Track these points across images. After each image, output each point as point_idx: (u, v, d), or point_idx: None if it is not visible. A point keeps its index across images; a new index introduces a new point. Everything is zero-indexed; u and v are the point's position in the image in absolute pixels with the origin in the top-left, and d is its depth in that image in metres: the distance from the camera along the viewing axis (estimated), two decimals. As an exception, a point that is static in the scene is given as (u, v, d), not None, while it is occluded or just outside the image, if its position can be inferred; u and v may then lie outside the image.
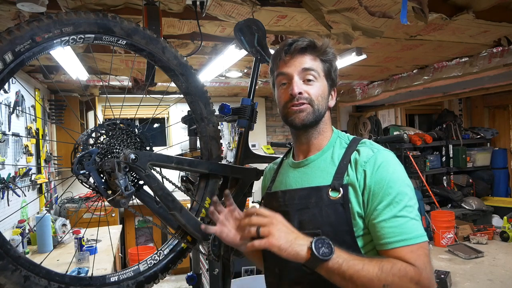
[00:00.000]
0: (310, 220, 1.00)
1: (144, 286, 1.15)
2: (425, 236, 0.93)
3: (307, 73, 1.05)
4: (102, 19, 1.03)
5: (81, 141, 1.05)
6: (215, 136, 1.32)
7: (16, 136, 3.14)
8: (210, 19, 2.31)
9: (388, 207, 0.94)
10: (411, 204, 0.95)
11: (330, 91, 1.10)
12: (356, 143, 1.05)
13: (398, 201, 0.94)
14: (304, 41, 1.06)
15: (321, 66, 1.07)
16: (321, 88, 1.07)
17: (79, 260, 2.65)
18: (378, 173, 0.96)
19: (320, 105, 1.06)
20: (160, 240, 4.88)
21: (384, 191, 0.95)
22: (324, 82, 1.08)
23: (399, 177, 0.97)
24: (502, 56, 3.08)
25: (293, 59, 1.06)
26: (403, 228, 0.92)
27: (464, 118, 6.47)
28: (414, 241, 0.91)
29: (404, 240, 0.91)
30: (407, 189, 0.96)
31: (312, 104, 1.05)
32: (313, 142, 1.10)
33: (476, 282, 2.24)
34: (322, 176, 1.04)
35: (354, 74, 4.27)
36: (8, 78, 0.90)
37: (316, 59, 1.07)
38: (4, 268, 0.88)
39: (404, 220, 0.92)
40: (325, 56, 1.07)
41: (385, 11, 2.20)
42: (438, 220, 3.12)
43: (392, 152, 1.03)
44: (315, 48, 1.07)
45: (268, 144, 5.35)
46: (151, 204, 1.21)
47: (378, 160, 0.98)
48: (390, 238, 0.92)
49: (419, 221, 0.95)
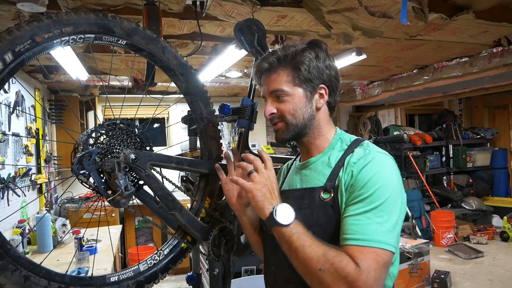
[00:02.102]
0: (302, 220, 1.00)
1: (144, 286, 1.15)
2: (387, 245, 0.88)
3: (275, 94, 1.07)
4: (102, 19, 1.03)
5: (81, 141, 1.05)
6: (215, 136, 1.32)
7: (16, 136, 3.14)
8: (210, 19, 2.31)
9: (357, 204, 0.92)
10: (385, 209, 0.91)
11: (311, 94, 1.06)
12: (355, 145, 1.05)
13: (370, 201, 0.91)
14: (268, 62, 1.07)
15: (291, 76, 1.04)
16: (293, 101, 1.05)
17: (79, 260, 2.65)
18: (362, 172, 0.95)
19: (296, 118, 1.06)
20: (160, 240, 4.88)
21: (360, 189, 0.93)
22: (298, 91, 1.05)
23: (381, 178, 0.94)
24: (502, 56, 3.08)
25: (264, 80, 1.10)
26: (362, 228, 0.89)
27: (464, 118, 6.48)
28: (368, 243, 0.88)
29: (357, 240, 0.89)
30: (387, 193, 0.92)
31: (285, 120, 1.06)
32: (312, 145, 1.10)
33: (476, 282, 2.25)
34: (318, 178, 1.05)
35: (354, 74, 4.28)
36: (8, 78, 0.90)
37: (283, 72, 1.05)
38: (4, 268, 0.88)
39: (368, 222, 0.90)
40: (294, 62, 1.04)
41: (385, 11, 2.20)
42: (438, 220, 3.12)
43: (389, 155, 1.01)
44: (281, 61, 1.05)
45: (268, 144, 5.35)
46: (151, 204, 1.21)
47: (366, 160, 0.97)
48: (347, 234, 0.91)
49: (389, 229, 0.90)
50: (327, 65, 1.07)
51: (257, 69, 1.11)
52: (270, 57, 1.07)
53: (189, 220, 1.19)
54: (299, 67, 1.04)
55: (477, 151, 5.69)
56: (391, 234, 0.90)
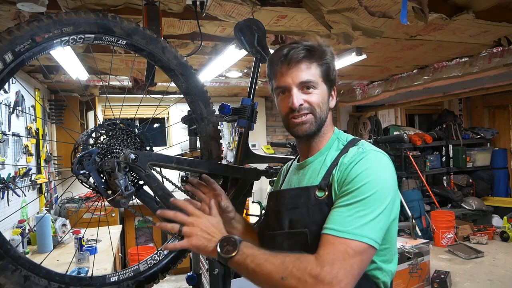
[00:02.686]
0: (299, 219, 1.02)
1: (144, 286, 1.15)
2: (362, 237, 0.87)
3: (305, 85, 1.05)
4: (102, 19, 1.03)
5: (81, 141, 1.05)
6: (215, 136, 1.32)
7: (16, 136, 3.14)
8: (210, 19, 2.31)
9: (343, 198, 0.93)
10: (368, 203, 0.90)
11: (330, 92, 1.10)
12: (351, 145, 1.05)
13: (354, 195, 0.91)
14: (300, 52, 1.04)
15: (319, 71, 1.05)
16: (321, 95, 1.06)
17: (79, 260, 2.64)
18: (353, 168, 0.96)
19: (322, 112, 1.06)
20: (160, 240, 4.88)
21: (348, 183, 0.94)
22: (323, 86, 1.07)
23: (370, 174, 0.93)
24: (502, 56, 3.08)
25: (289, 69, 1.05)
26: (340, 220, 0.90)
27: (464, 118, 6.48)
28: (342, 234, 0.87)
29: (333, 230, 0.89)
30: (374, 188, 0.92)
31: (314, 112, 1.05)
32: (313, 145, 1.11)
33: (476, 282, 2.25)
34: (313, 177, 1.06)
35: (354, 74, 4.28)
36: (8, 78, 0.90)
37: (312, 65, 1.05)
38: (4, 268, 0.88)
39: (347, 214, 0.90)
40: (322, 60, 1.06)
41: (385, 11, 2.20)
42: (438, 220, 3.12)
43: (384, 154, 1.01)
44: (311, 54, 1.05)
45: (268, 144, 5.35)
46: (151, 204, 1.21)
47: (358, 157, 0.98)
48: (326, 224, 0.92)
49: (370, 224, 0.88)
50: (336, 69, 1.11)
51: (283, 56, 1.05)
52: (298, 47, 1.05)
53: (189, 220, 1.19)
54: (329, 65, 1.06)
55: (477, 151, 5.69)
56: (371, 227, 0.88)
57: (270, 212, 1.13)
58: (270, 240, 1.07)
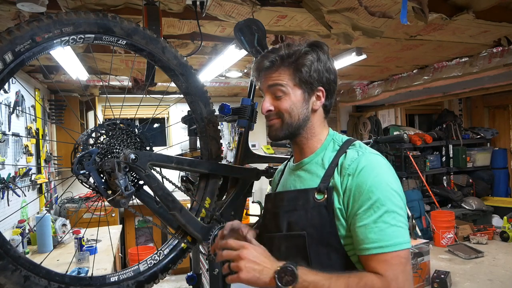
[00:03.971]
0: (297, 221, 1.02)
1: (144, 286, 1.15)
2: (405, 244, 0.91)
3: (273, 89, 1.06)
4: (102, 19, 1.03)
5: (81, 141, 1.05)
6: (215, 136, 1.32)
7: (16, 136, 3.14)
8: (210, 19, 2.31)
9: (368, 212, 0.93)
10: (393, 209, 0.93)
11: (309, 96, 1.06)
12: (347, 145, 1.05)
13: (379, 206, 0.92)
14: (268, 59, 1.06)
15: (292, 76, 1.04)
16: (290, 100, 1.05)
17: (79, 260, 2.64)
18: (359, 176, 0.95)
19: (292, 118, 1.06)
20: (160, 240, 4.88)
21: (365, 195, 0.94)
22: (297, 91, 1.05)
23: (381, 181, 0.95)
24: (502, 56, 3.08)
25: (263, 76, 1.08)
26: (381, 234, 0.91)
27: (464, 118, 6.47)
28: (391, 248, 0.90)
29: (380, 248, 0.90)
30: (390, 193, 0.94)
31: (282, 117, 1.06)
32: (305, 146, 1.11)
33: (476, 282, 2.24)
34: (311, 179, 1.05)
35: (354, 74, 4.27)
36: (8, 78, 0.90)
37: (285, 71, 1.05)
38: (4, 268, 0.88)
39: (384, 226, 0.91)
40: (297, 63, 1.04)
41: (385, 11, 2.20)
42: (438, 220, 3.11)
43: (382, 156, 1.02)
44: (283, 60, 1.05)
45: (268, 144, 5.34)
46: (151, 204, 1.21)
47: (361, 163, 0.97)
48: (367, 244, 0.91)
49: (403, 228, 0.93)
50: (327, 68, 1.07)
51: (258, 65, 1.09)
52: (272, 55, 1.06)
53: (189, 220, 1.19)
54: (300, 69, 1.04)
55: (477, 151, 5.68)
56: (405, 231, 0.93)
57: (268, 214, 1.13)
58: (268, 242, 1.06)
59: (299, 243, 0.99)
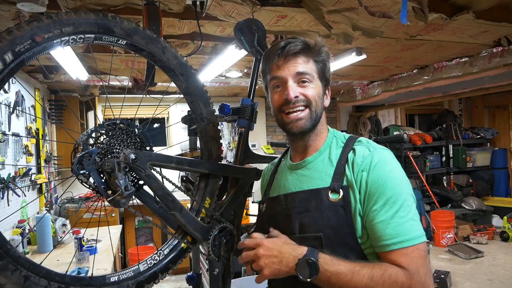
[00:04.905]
0: (310, 223, 1.00)
1: (144, 286, 1.15)
2: (422, 237, 0.92)
3: (301, 77, 1.03)
4: (102, 19, 1.03)
5: (81, 141, 1.05)
6: (215, 136, 1.32)
7: (16, 136, 3.14)
8: (210, 19, 2.31)
9: (384, 208, 0.93)
10: (408, 203, 0.94)
11: (325, 91, 1.09)
12: (352, 142, 1.04)
13: (394, 201, 0.93)
14: (297, 44, 1.03)
15: (315, 68, 1.05)
16: (316, 89, 1.05)
17: (79, 260, 2.64)
18: (374, 172, 0.95)
19: (318, 107, 1.05)
20: (160, 240, 4.88)
21: (380, 191, 0.94)
22: (319, 83, 1.06)
23: (395, 176, 0.96)
24: (502, 56, 3.08)
25: (286, 62, 1.04)
26: (399, 229, 0.91)
27: (464, 118, 6.47)
28: (410, 243, 0.90)
29: (400, 243, 0.90)
30: (404, 187, 0.95)
31: (310, 106, 1.04)
32: (310, 144, 1.10)
33: (476, 282, 2.24)
34: (320, 177, 1.03)
35: (354, 74, 4.27)
36: (8, 78, 0.90)
37: (309, 61, 1.05)
38: (4, 268, 0.88)
39: (402, 221, 0.91)
40: (318, 57, 1.05)
41: (385, 11, 2.20)
42: (438, 220, 3.12)
43: (390, 150, 1.02)
44: (309, 49, 1.04)
45: (268, 144, 5.35)
46: (151, 204, 1.21)
47: (374, 159, 0.97)
48: (386, 240, 0.91)
49: (417, 221, 0.94)
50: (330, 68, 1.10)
51: (282, 48, 1.04)
52: (296, 41, 1.04)
53: (189, 220, 1.19)
54: (325, 63, 1.06)
55: (477, 151, 5.68)
56: (420, 223, 0.94)
57: (279, 216, 1.10)
58: None
59: (316, 244, 0.97)
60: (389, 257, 0.91)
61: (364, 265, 0.90)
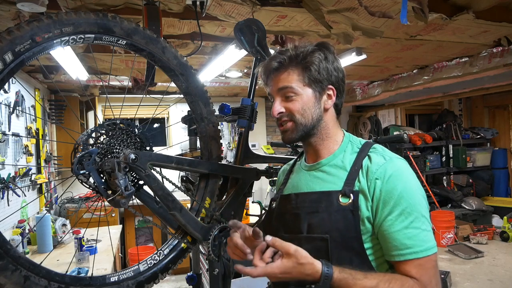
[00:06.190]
0: (318, 224, 1.01)
1: (144, 286, 1.15)
2: (435, 247, 0.94)
3: (284, 92, 1.05)
4: (102, 19, 1.03)
5: (81, 141, 1.05)
6: (215, 136, 1.32)
7: (16, 136, 3.14)
8: (210, 19, 2.31)
9: (399, 218, 0.93)
10: (423, 214, 0.95)
11: (320, 95, 1.06)
12: (367, 148, 1.04)
13: (410, 211, 0.93)
14: (275, 61, 1.05)
15: (302, 76, 1.04)
16: (302, 101, 1.04)
17: (79, 260, 2.64)
18: (389, 182, 0.96)
19: (305, 118, 1.05)
20: (160, 240, 4.88)
21: (395, 201, 0.94)
22: (307, 91, 1.05)
23: (411, 186, 0.96)
24: (502, 56, 3.07)
25: (272, 79, 1.08)
26: (414, 240, 0.92)
27: (464, 118, 6.47)
28: (424, 253, 0.91)
29: (415, 253, 0.91)
30: (419, 199, 0.96)
31: (294, 119, 1.05)
32: (321, 146, 1.10)
33: (476, 282, 2.24)
34: (333, 181, 1.04)
35: (354, 74, 4.27)
36: (8, 78, 0.90)
37: (293, 72, 1.04)
38: (4, 268, 0.88)
39: (416, 232, 0.93)
40: (305, 62, 1.04)
41: (385, 11, 2.20)
42: (438, 220, 3.11)
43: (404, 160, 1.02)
44: (291, 60, 1.05)
45: (268, 144, 5.34)
46: (151, 204, 1.21)
47: (389, 168, 0.97)
48: (400, 250, 0.92)
49: (431, 231, 0.95)
50: (335, 67, 1.07)
51: (266, 67, 1.08)
52: (280, 56, 1.06)
53: (189, 220, 1.19)
54: (309, 67, 1.04)
55: (477, 151, 5.68)
56: (432, 235, 0.95)
57: (288, 215, 1.10)
58: None
59: (321, 246, 0.98)
60: (403, 267, 0.92)
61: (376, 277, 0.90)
